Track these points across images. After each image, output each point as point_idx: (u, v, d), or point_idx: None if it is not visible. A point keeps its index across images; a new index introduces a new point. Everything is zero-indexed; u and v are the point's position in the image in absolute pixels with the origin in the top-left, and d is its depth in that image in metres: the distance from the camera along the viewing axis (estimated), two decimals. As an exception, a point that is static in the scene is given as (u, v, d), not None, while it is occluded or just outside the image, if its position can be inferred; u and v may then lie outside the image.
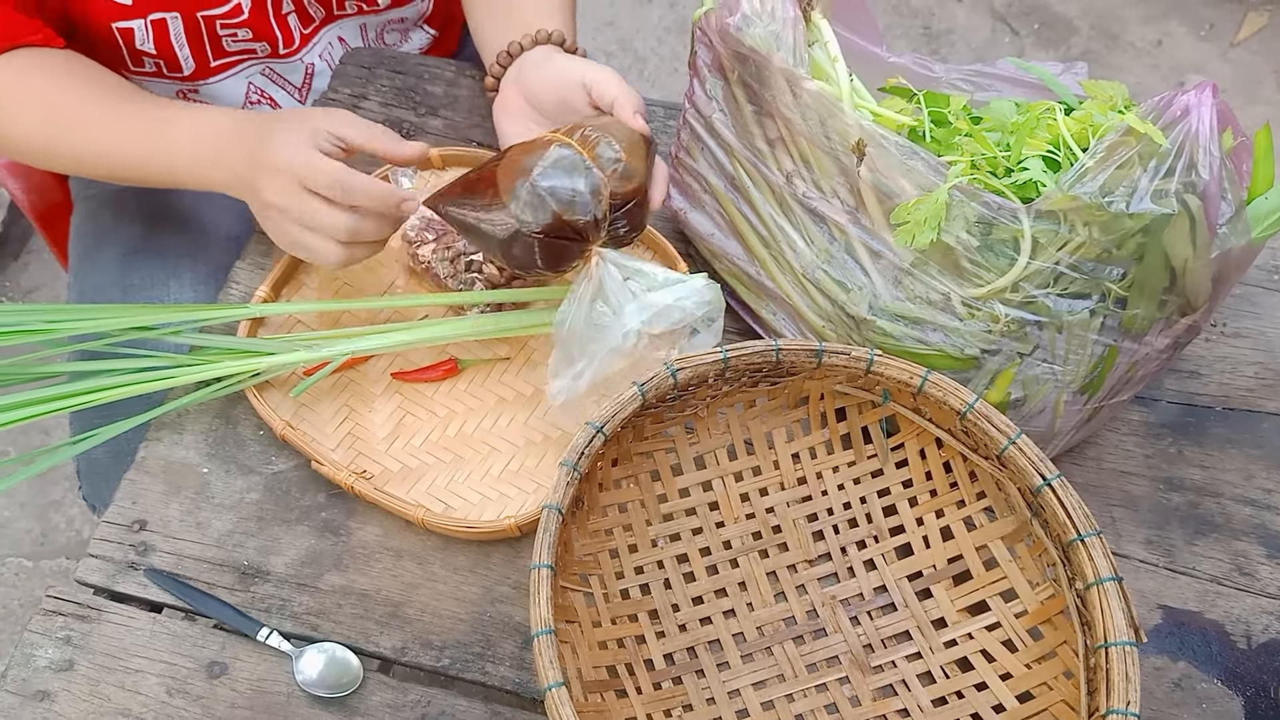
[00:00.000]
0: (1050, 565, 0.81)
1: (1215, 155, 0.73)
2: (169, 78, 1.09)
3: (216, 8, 1.05)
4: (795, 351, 0.81)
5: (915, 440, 0.87)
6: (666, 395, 0.81)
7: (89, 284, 1.17)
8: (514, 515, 0.89)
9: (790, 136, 0.86)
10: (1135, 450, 0.95)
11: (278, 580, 0.88)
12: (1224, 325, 1.01)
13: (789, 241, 0.89)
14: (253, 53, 1.12)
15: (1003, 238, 0.77)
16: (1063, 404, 0.84)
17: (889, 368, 0.80)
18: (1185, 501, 0.93)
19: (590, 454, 0.76)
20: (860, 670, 0.84)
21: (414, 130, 1.11)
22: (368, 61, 1.15)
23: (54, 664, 0.85)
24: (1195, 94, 0.73)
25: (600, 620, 0.83)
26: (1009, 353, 0.81)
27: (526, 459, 0.93)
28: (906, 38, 2.33)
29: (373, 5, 1.15)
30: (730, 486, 0.89)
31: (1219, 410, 0.97)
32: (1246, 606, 0.89)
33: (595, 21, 2.39)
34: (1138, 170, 0.73)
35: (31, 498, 1.87)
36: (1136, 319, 0.80)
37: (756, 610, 0.86)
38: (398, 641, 0.86)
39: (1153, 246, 0.76)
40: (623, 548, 0.87)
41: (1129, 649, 0.71)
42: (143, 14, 1.02)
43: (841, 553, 0.88)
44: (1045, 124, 0.80)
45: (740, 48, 0.86)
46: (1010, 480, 0.81)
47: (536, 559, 0.71)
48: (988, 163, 0.79)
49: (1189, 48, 2.28)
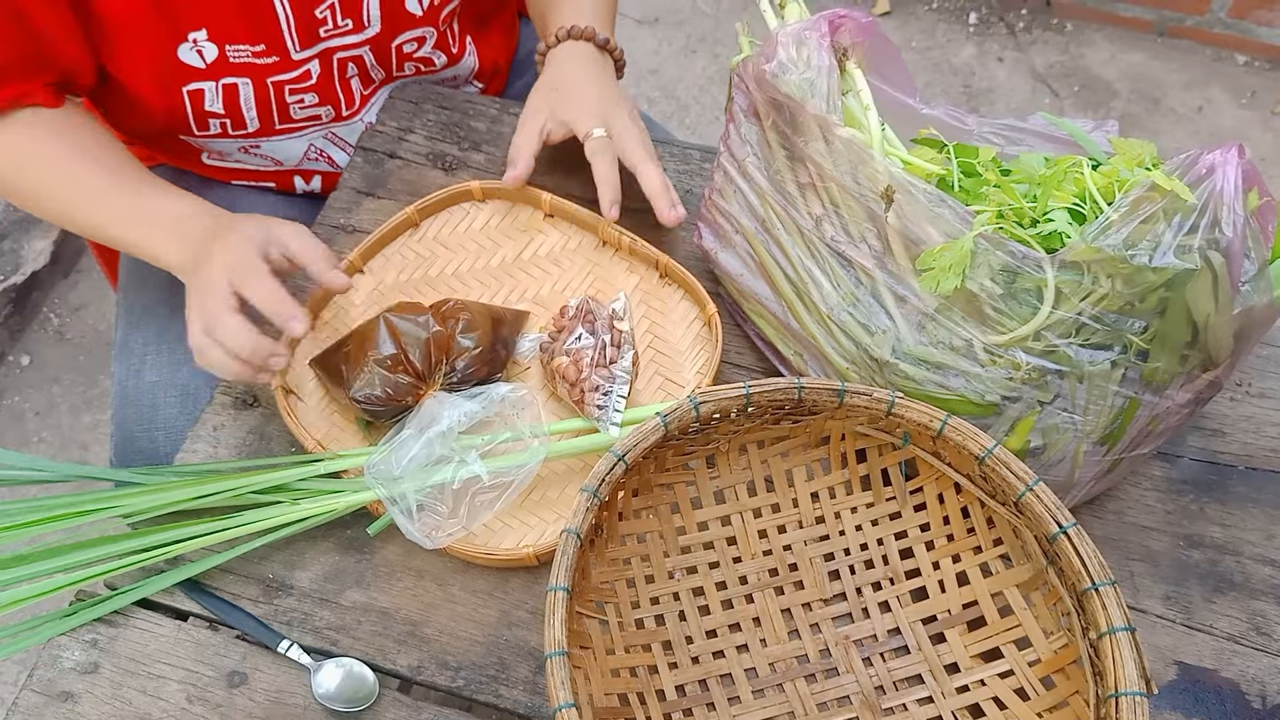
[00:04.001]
0: (1065, 614, 0.81)
1: (1239, 213, 0.74)
2: (233, 135, 1.13)
3: (286, 73, 1.09)
4: (817, 390, 0.82)
5: (934, 484, 0.88)
6: (689, 428, 0.82)
7: (138, 303, 1.21)
8: (532, 545, 0.91)
9: (821, 182, 0.88)
10: (1156, 505, 0.95)
11: (300, 594, 0.90)
12: (1249, 385, 1.01)
13: (816, 284, 0.91)
14: (318, 119, 1.16)
15: (1026, 287, 0.78)
16: (1082, 454, 0.84)
17: (910, 410, 0.81)
18: (1205, 559, 0.93)
19: (611, 481, 0.77)
20: (871, 711, 0.84)
21: (456, 164, 1.14)
22: (415, 96, 1.19)
23: (79, 666, 0.87)
24: (1221, 153, 0.74)
25: (614, 648, 0.84)
26: (1029, 400, 0.82)
27: (548, 489, 0.95)
28: (947, 95, 2.35)
29: (430, 66, 1.19)
30: (749, 522, 0.90)
31: (1242, 469, 0.97)
32: (1263, 666, 0.88)
33: (640, 69, 2.43)
34: (1162, 225, 0.74)
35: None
36: (1158, 372, 0.80)
37: (770, 646, 0.87)
38: (414, 660, 0.88)
39: (1175, 301, 0.76)
40: (639, 577, 0.88)
41: (1140, 699, 0.71)
42: (215, 77, 1.06)
43: (857, 593, 0.89)
44: (1072, 177, 0.81)
45: (775, 94, 0.88)
46: (1027, 527, 0.82)
47: (553, 581, 0.72)
48: (1014, 213, 0.80)
49: (1230, 114, 2.28)
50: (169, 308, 1.18)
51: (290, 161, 1.20)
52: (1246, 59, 2.36)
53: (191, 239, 0.95)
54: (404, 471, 0.88)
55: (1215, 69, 2.36)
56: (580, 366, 0.94)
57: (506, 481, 0.90)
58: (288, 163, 1.20)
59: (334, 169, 1.23)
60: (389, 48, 1.14)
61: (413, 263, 1.07)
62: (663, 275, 1.05)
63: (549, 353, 0.97)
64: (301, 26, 1.06)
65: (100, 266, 1.38)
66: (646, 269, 1.06)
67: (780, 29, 0.89)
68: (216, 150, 1.17)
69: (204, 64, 1.05)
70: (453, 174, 1.13)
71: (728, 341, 1.03)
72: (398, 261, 1.07)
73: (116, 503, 0.89)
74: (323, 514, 0.89)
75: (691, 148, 1.15)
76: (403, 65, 1.18)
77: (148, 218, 0.99)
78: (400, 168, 1.14)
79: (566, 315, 0.98)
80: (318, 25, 1.07)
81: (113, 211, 1.00)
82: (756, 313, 0.99)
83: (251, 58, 1.06)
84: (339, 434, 0.97)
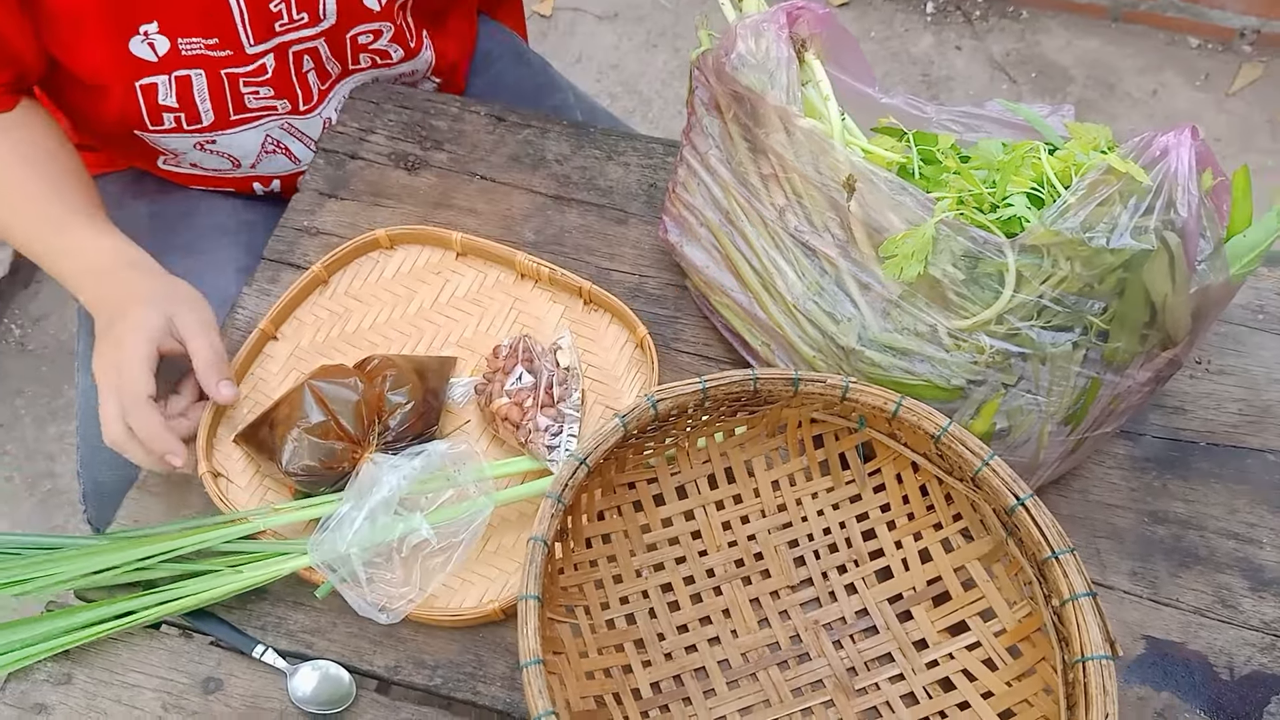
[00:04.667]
0: (1027, 584, 0.82)
1: (1194, 194, 0.75)
2: (187, 130, 1.12)
3: (241, 66, 1.08)
4: (772, 380, 0.83)
5: (892, 465, 0.89)
6: (647, 426, 0.83)
7: None
8: (496, 599, 0.89)
9: (783, 173, 0.89)
10: (1121, 483, 0.97)
11: (274, 598, 0.90)
12: (1209, 363, 1.02)
13: (781, 274, 0.91)
14: (273, 109, 1.15)
15: (988, 271, 0.79)
16: (1047, 434, 0.85)
17: (864, 394, 0.82)
18: (1169, 534, 0.94)
19: (574, 486, 0.77)
20: (844, 693, 0.85)
21: (419, 163, 1.14)
22: (375, 96, 1.19)
23: (52, 677, 0.87)
24: (1175, 135, 0.75)
25: (587, 651, 0.84)
26: (994, 384, 0.83)
27: (503, 537, 0.93)
28: (906, 84, 2.36)
29: (386, 59, 1.19)
30: (712, 515, 0.91)
31: (1203, 445, 0.99)
32: (1229, 638, 0.90)
33: (601, 64, 2.43)
34: (1118, 207, 0.75)
35: (36, 523, 1.89)
36: (1118, 352, 0.81)
37: (741, 637, 0.88)
38: (391, 660, 0.88)
39: (1133, 282, 0.78)
40: (607, 578, 0.88)
41: (1106, 663, 0.72)
42: (168, 70, 1.05)
43: (823, 577, 0.90)
44: (1030, 162, 0.82)
45: (736, 86, 0.89)
46: (985, 501, 0.83)
47: (524, 590, 0.73)
48: (974, 199, 0.81)
49: (1185, 97, 2.31)
50: None
51: (247, 158, 1.19)
52: (1199, 41, 2.39)
53: (103, 301, 0.97)
54: (349, 546, 0.85)
55: (1169, 52, 2.39)
56: (524, 407, 0.93)
57: (456, 541, 0.87)
58: (245, 160, 1.19)
59: (292, 162, 1.21)
60: (344, 39, 1.13)
61: (327, 321, 1.04)
62: (588, 302, 1.04)
63: (486, 395, 0.96)
64: (256, 20, 1.05)
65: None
66: (570, 297, 1.05)
67: (739, 22, 0.89)
68: (171, 150, 1.16)
69: (156, 57, 1.03)
70: (415, 173, 1.13)
71: (695, 334, 1.04)
72: (311, 322, 1.04)
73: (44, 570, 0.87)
74: (267, 578, 0.87)
75: (655, 141, 1.16)
76: (358, 58, 1.17)
77: (68, 257, 1.01)
78: (362, 168, 1.14)
79: (500, 355, 0.97)
80: (273, 19, 1.06)
81: (40, 243, 1.02)
82: (723, 304, 1.00)
83: (205, 50, 1.05)
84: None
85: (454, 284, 1.06)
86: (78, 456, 1.15)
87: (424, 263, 1.07)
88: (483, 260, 1.07)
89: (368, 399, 0.91)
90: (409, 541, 0.87)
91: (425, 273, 1.07)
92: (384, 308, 1.05)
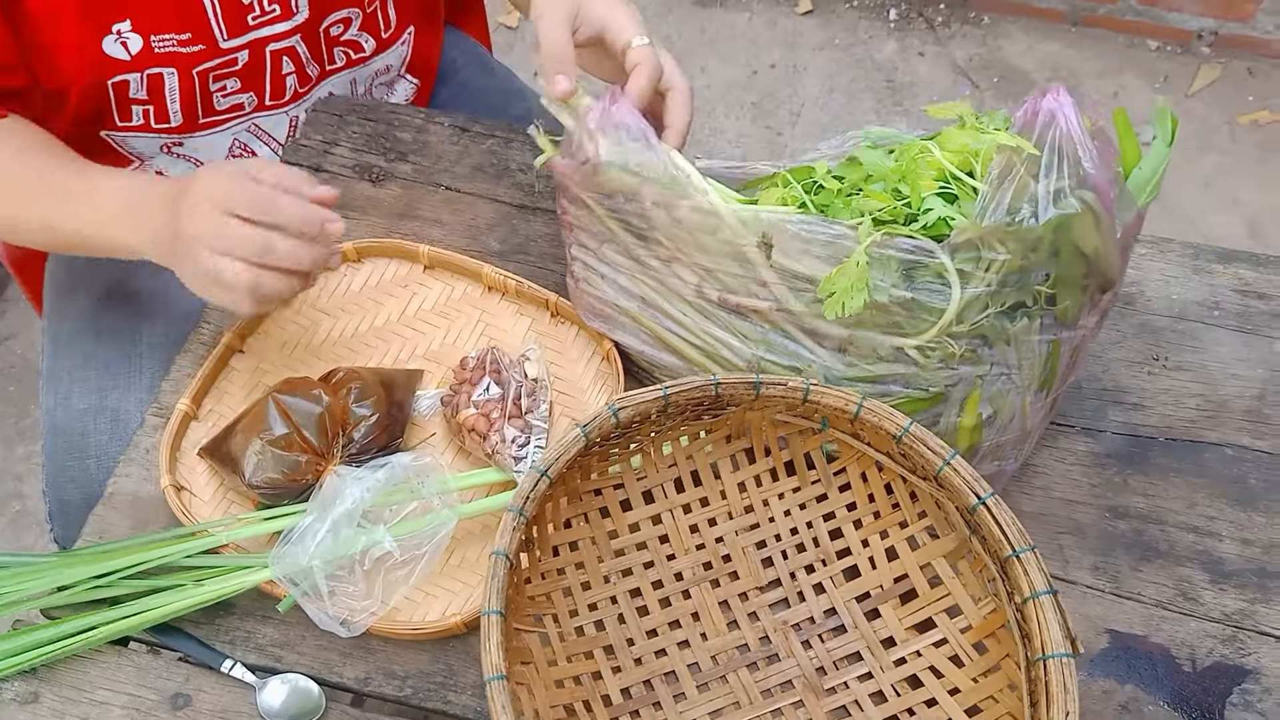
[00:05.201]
0: (990, 580, 0.83)
1: (1091, 147, 0.78)
2: (155, 130, 1.11)
3: (212, 60, 1.07)
4: (734, 384, 0.83)
5: (856, 464, 0.90)
6: (610, 434, 0.83)
7: (63, 330, 1.19)
8: (459, 613, 0.89)
9: (682, 255, 0.88)
10: (1082, 480, 0.98)
11: (242, 612, 0.90)
12: (1166, 359, 1.04)
13: (723, 343, 0.91)
14: (240, 108, 1.14)
15: (928, 279, 0.80)
16: (1028, 405, 0.87)
17: (826, 395, 0.83)
18: (1130, 529, 0.95)
19: (536, 498, 0.78)
20: (814, 693, 0.86)
21: (383, 175, 1.14)
22: (339, 109, 1.19)
23: (19, 696, 0.86)
24: (1053, 97, 0.78)
25: (556, 659, 0.84)
26: (969, 378, 0.84)
27: (467, 550, 0.93)
28: (871, 91, 2.39)
29: (360, 52, 1.19)
30: (679, 519, 0.91)
31: (1162, 441, 1.00)
32: (1191, 630, 0.91)
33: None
34: (1031, 182, 0.77)
35: (5, 543, 1.87)
36: (1067, 310, 0.83)
37: (710, 640, 0.88)
38: (361, 672, 0.88)
39: (1064, 242, 0.80)
40: (575, 586, 0.88)
41: (1066, 660, 0.73)
42: (140, 68, 1.04)
43: (791, 578, 0.90)
44: (926, 161, 0.83)
45: (604, 190, 0.89)
46: (948, 499, 0.84)
47: (486, 605, 0.73)
48: (891, 214, 0.82)
49: (1144, 99, 2.34)
50: (94, 332, 1.16)
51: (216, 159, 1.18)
52: (1158, 44, 2.43)
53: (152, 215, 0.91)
54: (312, 559, 0.85)
55: (1128, 55, 2.42)
56: (490, 418, 0.93)
57: (419, 554, 0.87)
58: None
59: None
60: (318, 33, 1.13)
61: (294, 334, 1.04)
62: (554, 315, 1.04)
63: (452, 407, 0.96)
64: (228, 13, 1.04)
65: (25, 294, 1.36)
66: (537, 309, 1.05)
67: (580, 123, 0.89)
68: (137, 155, 1.15)
69: (129, 55, 1.02)
70: (380, 185, 1.13)
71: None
72: (278, 335, 1.04)
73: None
74: (229, 592, 0.87)
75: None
76: (333, 53, 1.17)
77: (100, 210, 0.95)
78: (327, 181, 1.14)
79: (467, 367, 0.97)
80: (245, 12, 1.05)
81: (65, 211, 0.96)
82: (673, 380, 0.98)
83: (177, 46, 1.04)
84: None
85: (421, 297, 1.06)
86: (42, 475, 1.15)
87: (391, 276, 1.07)
88: (450, 273, 1.07)
89: (332, 411, 0.91)
90: (372, 554, 0.86)
91: (393, 286, 1.07)
92: (351, 320, 1.05)
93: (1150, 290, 1.08)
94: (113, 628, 0.86)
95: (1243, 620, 0.91)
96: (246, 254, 0.84)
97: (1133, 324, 1.06)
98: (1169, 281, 1.09)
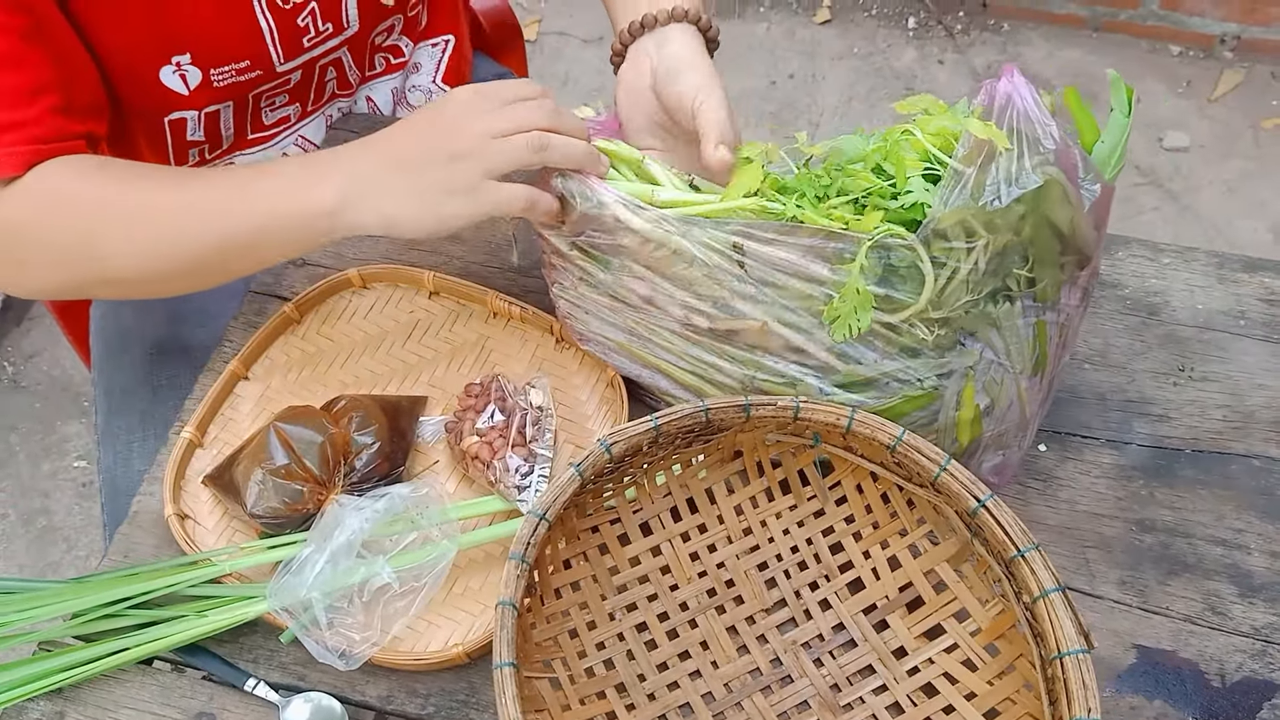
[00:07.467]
0: (996, 581, 0.82)
1: (1050, 124, 0.78)
2: (209, 161, 1.13)
3: (268, 84, 1.07)
4: (724, 409, 0.83)
5: (851, 476, 0.89)
6: (604, 470, 0.83)
7: (115, 384, 1.19)
8: (461, 642, 0.88)
9: (666, 288, 0.88)
10: (1107, 493, 0.97)
11: (265, 630, 0.90)
12: (1192, 370, 1.03)
13: (716, 368, 0.90)
14: (286, 120, 1.16)
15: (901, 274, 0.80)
16: (1024, 391, 0.86)
17: (816, 411, 0.82)
18: (1157, 542, 0.94)
19: (536, 543, 0.77)
20: (830, 711, 0.85)
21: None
22: (357, 127, 1.19)
23: (45, 715, 0.87)
24: (1006, 81, 0.78)
25: (569, 703, 0.83)
26: (961, 370, 0.84)
27: (469, 580, 0.92)
28: (890, 99, 2.38)
29: (400, 57, 1.20)
30: (679, 548, 0.90)
31: (1188, 453, 0.99)
32: (1220, 645, 0.90)
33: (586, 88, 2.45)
34: (995, 165, 0.77)
35: (31, 559, 1.89)
36: (1047, 289, 0.83)
37: (721, 667, 0.87)
38: (384, 690, 0.88)
39: (1038, 223, 0.79)
40: (581, 626, 0.87)
41: (1083, 657, 0.72)
42: (199, 106, 1.05)
43: (796, 596, 0.89)
44: (910, 143, 0.83)
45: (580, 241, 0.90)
46: (947, 503, 0.83)
47: (498, 658, 0.72)
48: (877, 192, 0.82)
49: (1167, 105, 2.33)
50: (150, 388, 1.16)
51: None
52: (1180, 49, 2.41)
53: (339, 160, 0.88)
54: (310, 589, 0.85)
55: (1150, 60, 2.41)
56: (494, 446, 0.93)
57: (419, 585, 0.86)
58: None
59: None
60: (365, 43, 1.15)
61: (299, 361, 1.04)
62: (559, 340, 1.04)
63: (456, 434, 0.96)
64: (285, 38, 1.05)
65: (68, 339, 1.35)
66: (542, 335, 1.04)
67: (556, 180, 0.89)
68: None
69: (187, 90, 1.03)
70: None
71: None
72: (283, 363, 1.03)
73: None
74: (230, 623, 0.87)
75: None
76: (374, 61, 1.19)
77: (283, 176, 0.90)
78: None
79: (472, 394, 0.97)
80: (300, 34, 1.06)
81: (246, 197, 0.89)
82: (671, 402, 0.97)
83: (236, 76, 1.04)
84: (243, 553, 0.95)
85: (426, 323, 1.07)
86: (104, 535, 1.14)
87: (395, 303, 1.08)
88: (454, 299, 1.08)
89: (333, 440, 0.91)
90: (371, 585, 0.87)
91: (398, 312, 1.07)
92: (355, 347, 1.05)
93: (1175, 300, 1.07)
94: (117, 659, 0.87)
95: (1272, 634, 0.90)
96: (534, 123, 0.86)
97: (1158, 334, 1.05)
98: (1194, 291, 1.07)
